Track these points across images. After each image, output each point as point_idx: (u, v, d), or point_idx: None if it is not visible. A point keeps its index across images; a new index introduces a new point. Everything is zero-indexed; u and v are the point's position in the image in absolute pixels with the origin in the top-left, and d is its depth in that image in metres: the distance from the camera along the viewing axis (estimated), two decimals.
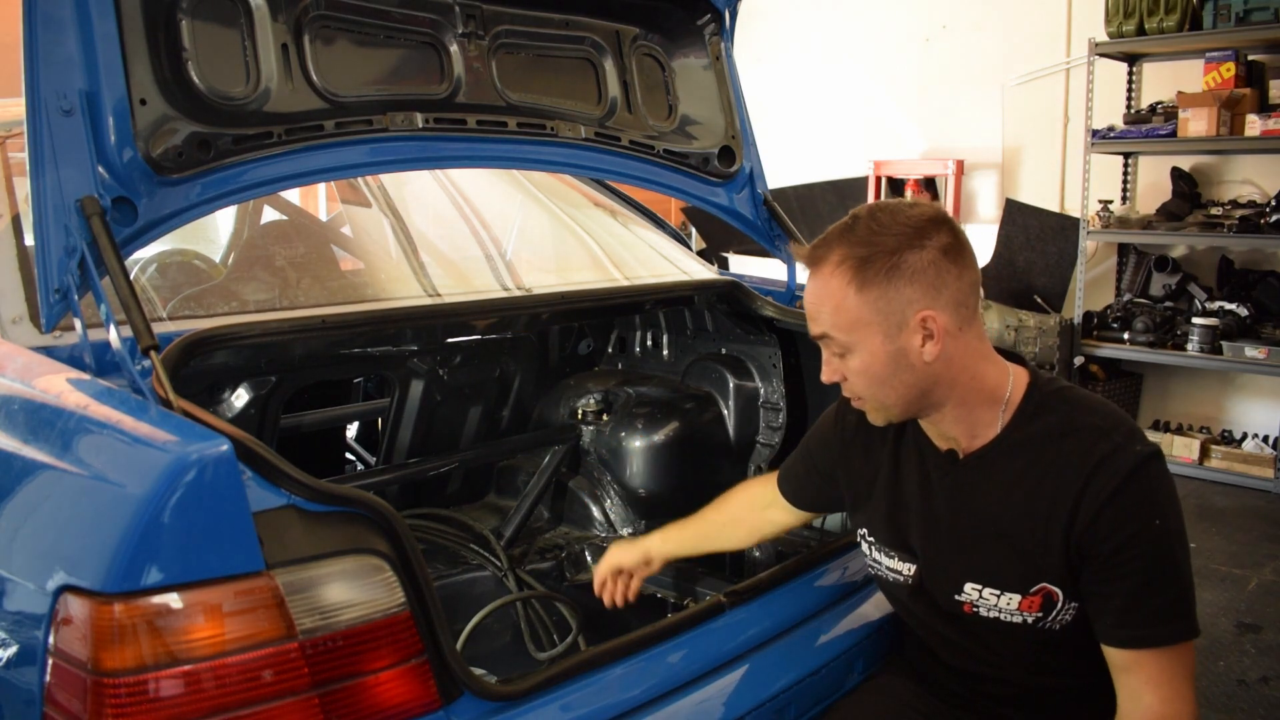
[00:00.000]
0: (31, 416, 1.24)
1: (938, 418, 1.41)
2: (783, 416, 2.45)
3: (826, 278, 1.35)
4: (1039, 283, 5.48)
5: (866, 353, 1.35)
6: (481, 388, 2.54)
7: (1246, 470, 4.78)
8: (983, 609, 1.41)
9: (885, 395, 1.38)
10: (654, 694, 1.40)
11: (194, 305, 1.82)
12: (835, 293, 1.34)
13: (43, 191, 1.32)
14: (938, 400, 1.38)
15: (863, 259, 1.32)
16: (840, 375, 1.40)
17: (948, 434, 1.43)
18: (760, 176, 2.25)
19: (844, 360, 1.38)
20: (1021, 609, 1.38)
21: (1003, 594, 1.39)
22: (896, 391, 1.36)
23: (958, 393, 1.37)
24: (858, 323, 1.34)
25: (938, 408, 1.39)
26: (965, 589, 1.42)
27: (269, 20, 1.58)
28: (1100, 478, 1.30)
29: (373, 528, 1.19)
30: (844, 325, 1.35)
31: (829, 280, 1.35)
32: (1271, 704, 2.79)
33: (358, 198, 2.52)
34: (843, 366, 1.39)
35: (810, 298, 1.38)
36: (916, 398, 1.37)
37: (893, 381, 1.35)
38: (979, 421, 1.40)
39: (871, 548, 1.55)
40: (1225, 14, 4.63)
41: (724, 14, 2.12)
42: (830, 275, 1.34)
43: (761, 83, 5.54)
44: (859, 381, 1.38)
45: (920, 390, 1.36)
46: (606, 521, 2.43)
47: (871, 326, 1.33)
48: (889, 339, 1.33)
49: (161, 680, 1.01)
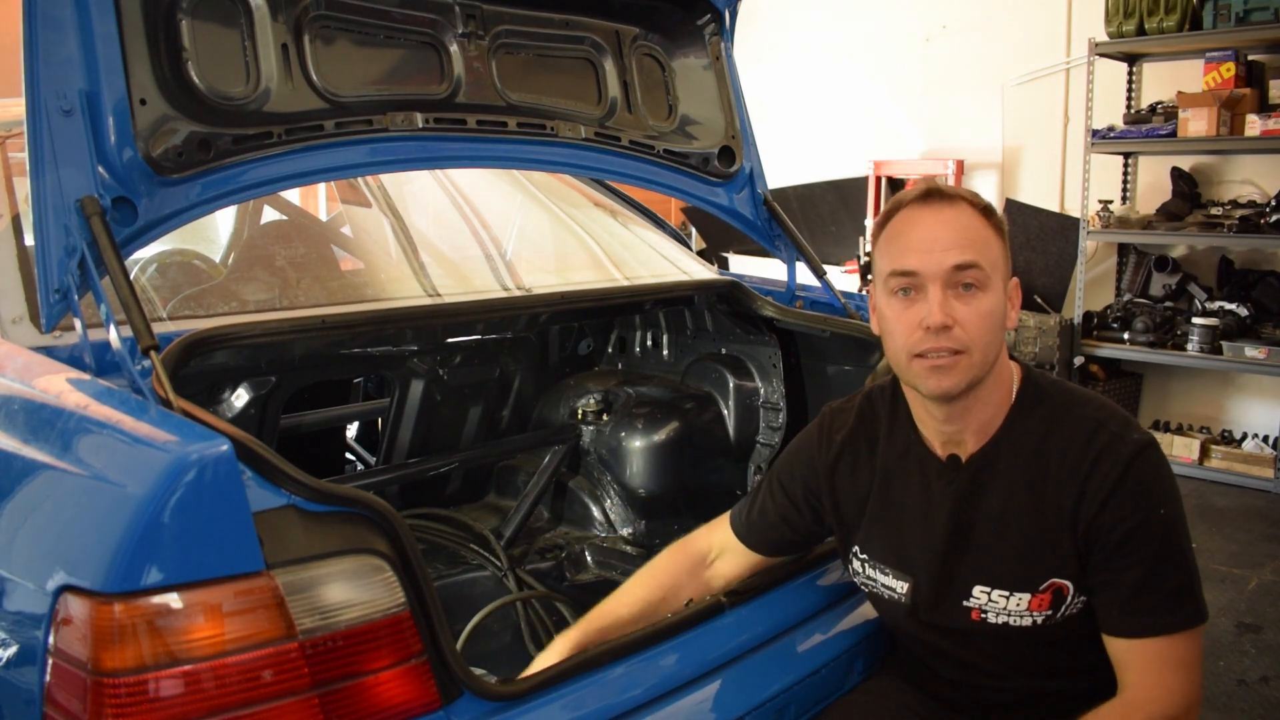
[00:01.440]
0: (32, 416, 1.24)
1: (969, 401, 1.38)
2: (783, 416, 2.45)
3: (966, 212, 1.34)
4: (1039, 283, 5.49)
5: (995, 295, 1.34)
6: (481, 388, 2.54)
7: (1246, 470, 4.78)
8: (991, 614, 1.40)
9: (990, 347, 1.34)
10: (654, 694, 1.39)
11: (194, 305, 1.82)
12: (979, 226, 1.34)
13: (43, 191, 1.32)
14: (988, 379, 1.37)
15: (988, 208, 1.36)
16: (953, 318, 1.31)
17: (959, 434, 1.41)
18: (760, 176, 2.25)
19: (972, 298, 1.32)
20: (1031, 608, 1.37)
21: (1012, 594, 1.38)
22: (994, 348, 1.35)
23: (993, 376, 1.38)
24: (998, 261, 1.35)
25: (982, 387, 1.37)
26: (974, 593, 1.41)
27: (269, 20, 1.58)
28: (1102, 467, 1.31)
29: (373, 528, 1.19)
30: (990, 259, 1.34)
31: (970, 215, 1.34)
32: (1271, 704, 2.79)
33: (358, 198, 2.52)
34: (961, 308, 1.31)
35: (950, 226, 1.33)
36: (994, 363, 1.37)
37: (999, 334, 1.36)
38: (992, 414, 1.40)
39: (865, 565, 1.53)
40: (1225, 14, 4.63)
41: (724, 14, 2.12)
42: (970, 212, 1.35)
43: (761, 83, 5.54)
44: (979, 325, 1.32)
45: (998, 356, 1.37)
46: (606, 521, 2.43)
47: (1001, 271, 1.35)
48: (1002, 291, 1.35)
49: (161, 680, 1.01)
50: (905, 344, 1.35)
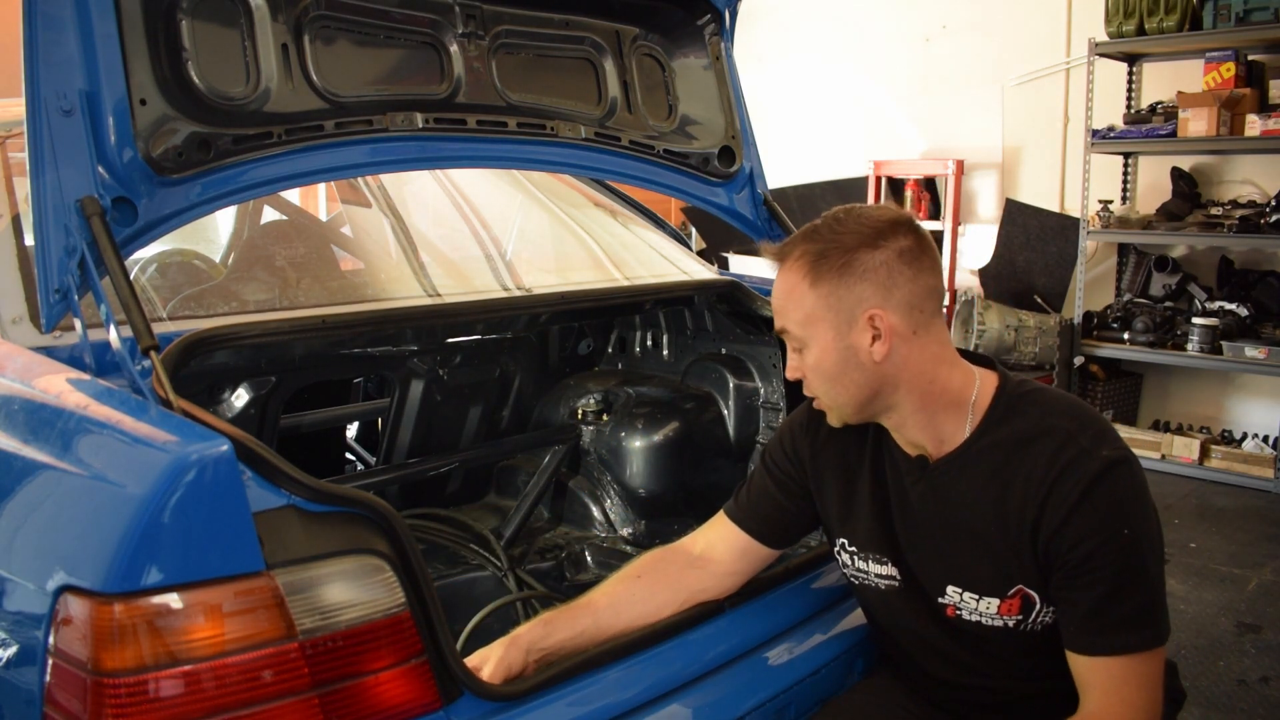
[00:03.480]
0: (31, 417, 1.24)
1: (898, 422, 1.41)
2: (783, 416, 2.45)
3: (786, 272, 1.40)
4: (1039, 283, 5.49)
5: (819, 348, 1.37)
6: (481, 388, 2.54)
7: (1246, 470, 4.78)
8: (965, 612, 1.41)
9: (837, 393, 1.40)
10: (654, 694, 1.40)
11: (194, 305, 1.82)
12: (793, 287, 1.38)
13: (43, 191, 1.32)
14: (893, 402, 1.38)
15: (819, 254, 1.36)
16: (800, 372, 1.43)
17: (914, 440, 1.42)
18: (760, 176, 2.25)
19: (801, 356, 1.41)
20: (1001, 613, 1.37)
21: (981, 598, 1.39)
22: (848, 390, 1.38)
23: (915, 397, 1.37)
24: (811, 317, 1.37)
25: (894, 410, 1.39)
26: (947, 592, 1.42)
27: (269, 20, 1.58)
28: (1065, 483, 1.29)
29: (373, 528, 1.19)
30: (799, 319, 1.38)
31: (788, 274, 1.39)
32: (1271, 704, 2.79)
33: (358, 198, 2.52)
34: (801, 363, 1.42)
35: (774, 292, 1.43)
36: (868, 398, 1.38)
37: (843, 380, 1.37)
38: (944, 427, 1.39)
39: (855, 557, 1.52)
40: (1225, 14, 4.63)
41: (724, 14, 2.12)
42: (789, 269, 1.39)
43: (761, 83, 5.54)
44: (814, 378, 1.41)
45: (872, 390, 1.37)
46: (606, 521, 2.43)
47: (823, 322, 1.36)
48: (839, 335, 1.36)
49: (161, 680, 1.01)
50: None
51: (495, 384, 2.58)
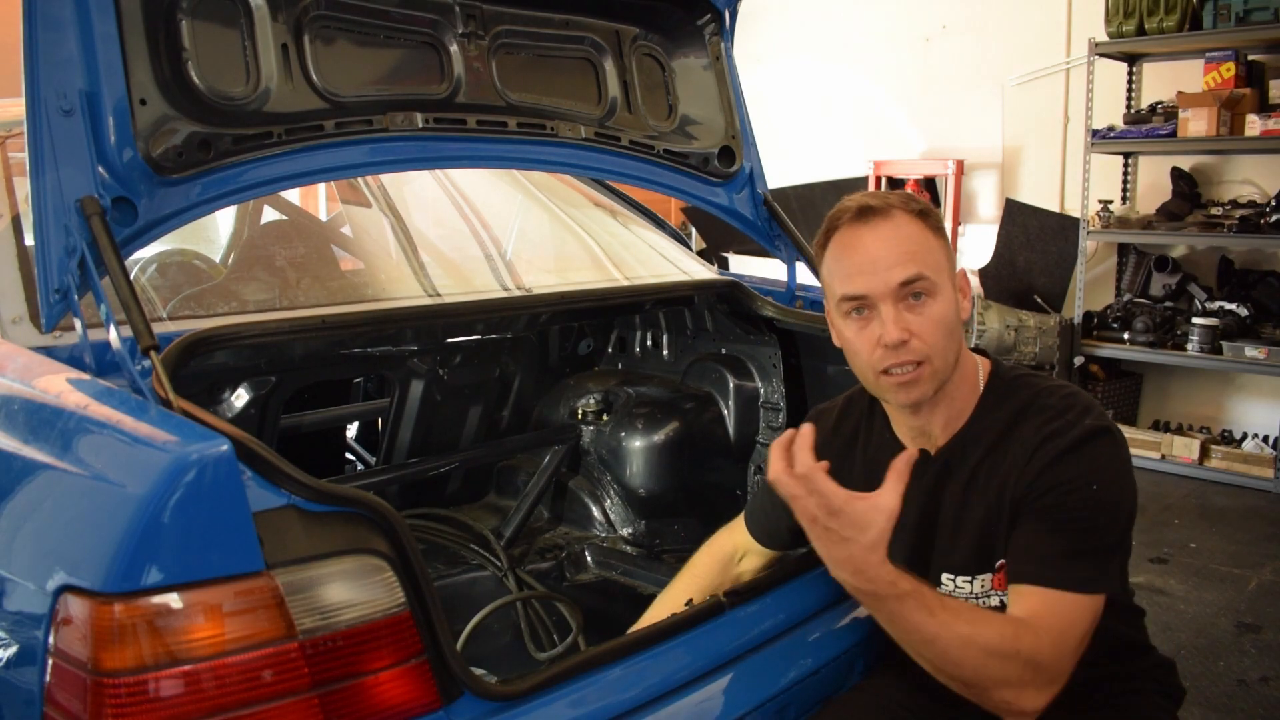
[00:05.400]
0: (31, 416, 1.24)
1: (937, 399, 1.41)
2: (783, 416, 2.45)
3: (903, 221, 1.37)
4: (1039, 283, 5.49)
5: (946, 296, 1.36)
6: (481, 388, 2.54)
7: (1246, 470, 4.77)
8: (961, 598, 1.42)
9: (949, 349, 1.37)
10: (654, 694, 1.39)
11: (194, 305, 1.82)
12: (918, 235, 1.36)
13: (43, 191, 1.32)
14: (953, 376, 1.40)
15: (922, 209, 1.37)
16: (909, 332, 1.34)
17: (927, 427, 1.44)
18: (760, 176, 2.25)
19: (924, 307, 1.35)
20: (995, 587, 1.39)
21: (975, 578, 1.41)
22: (955, 345, 1.38)
23: (958, 372, 1.40)
24: (941, 265, 1.37)
25: (949, 384, 1.40)
26: (942, 581, 1.45)
27: (269, 20, 1.58)
28: (1047, 446, 1.33)
29: (373, 528, 1.19)
30: (933, 265, 1.36)
31: (907, 225, 1.36)
32: (1271, 704, 2.79)
33: (358, 198, 2.52)
34: (915, 320, 1.34)
35: (890, 242, 1.35)
36: (956, 360, 1.39)
37: (956, 333, 1.38)
38: (960, 407, 1.43)
39: None
40: (1225, 14, 4.63)
41: (724, 14, 2.12)
42: (906, 221, 1.37)
43: (761, 83, 5.54)
44: (934, 333, 1.34)
45: (958, 352, 1.39)
46: (606, 521, 2.43)
47: (946, 272, 1.37)
48: (953, 287, 1.38)
49: (161, 680, 1.01)
50: (869, 361, 1.38)
51: (495, 384, 2.58)
